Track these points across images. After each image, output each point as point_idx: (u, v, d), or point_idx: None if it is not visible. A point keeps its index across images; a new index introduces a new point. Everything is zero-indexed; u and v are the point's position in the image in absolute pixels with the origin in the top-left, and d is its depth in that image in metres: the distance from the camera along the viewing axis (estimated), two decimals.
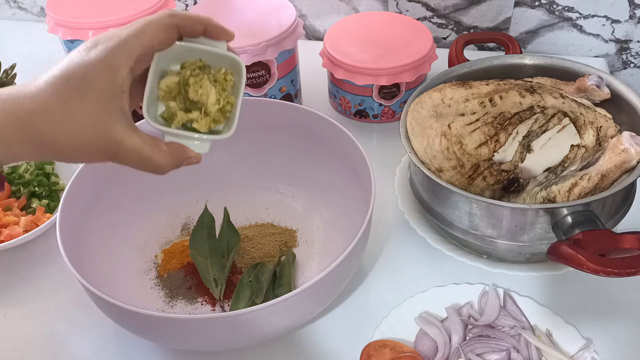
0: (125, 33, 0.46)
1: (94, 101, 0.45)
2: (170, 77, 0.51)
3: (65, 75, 0.44)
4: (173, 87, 0.50)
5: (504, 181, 0.69)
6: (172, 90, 0.50)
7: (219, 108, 0.51)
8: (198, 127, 0.51)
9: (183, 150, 0.50)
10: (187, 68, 0.51)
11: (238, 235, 0.78)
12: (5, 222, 0.81)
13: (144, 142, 0.47)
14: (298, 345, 0.70)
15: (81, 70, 0.44)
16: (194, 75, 0.50)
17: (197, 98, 0.50)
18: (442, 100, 0.75)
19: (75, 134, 0.45)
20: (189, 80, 0.50)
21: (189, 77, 0.50)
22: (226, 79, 0.52)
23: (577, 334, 0.67)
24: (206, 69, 0.52)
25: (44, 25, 0.93)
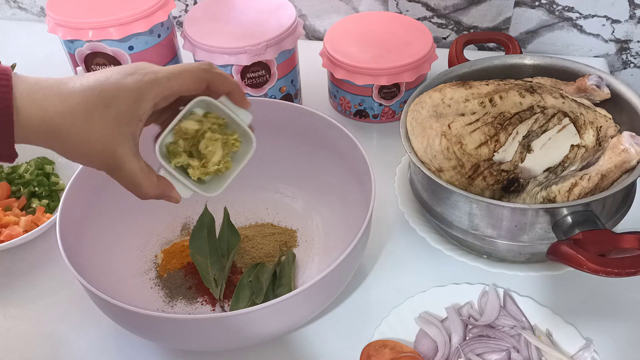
0: (162, 74, 0.51)
1: (114, 120, 0.49)
2: (192, 121, 0.55)
3: (98, 88, 0.49)
4: (191, 131, 0.55)
5: (504, 181, 0.69)
6: (188, 133, 0.55)
7: (217, 168, 0.56)
8: (191, 173, 0.56)
9: (169, 188, 0.55)
10: (209, 120, 0.55)
11: (238, 235, 0.78)
12: (5, 222, 0.81)
13: (140, 169, 0.51)
14: (298, 345, 0.70)
15: (114, 90, 0.49)
16: (212, 130, 0.55)
17: (204, 151, 0.55)
18: (442, 100, 0.75)
19: (88, 141, 0.49)
20: (206, 134, 0.55)
21: (207, 131, 0.55)
22: (234, 145, 0.57)
23: (577, 334, 0.67)
24: (222, 129, 0.56)
25: (44, 25, 0.93)
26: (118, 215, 0.78)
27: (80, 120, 0.48)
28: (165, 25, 0.94)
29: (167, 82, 0.51)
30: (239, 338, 0.64)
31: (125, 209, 0.79)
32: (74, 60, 0.92)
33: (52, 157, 0.90)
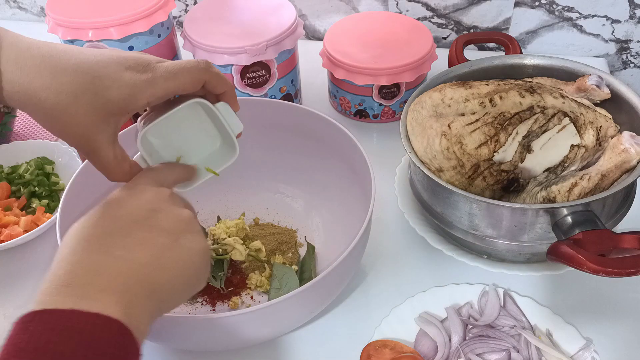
0: (159, 72, 0.49)
1: (100, 109, 0.47)
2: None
3: (92, 74, 0.47)
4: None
5: (504, 181, 0.69)
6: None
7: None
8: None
9: (138, 170, 0.54)
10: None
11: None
12: (5, 222, 0.81)
13: (114, 157, 0.50)
14: (298, 345, 0.70)
15: (108, 81, 0.47)
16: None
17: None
18: (442, 100, 0.75)
19: (69, 123, 0.47)
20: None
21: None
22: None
23: (577, 334, 0.67)
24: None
25: (44, 25, 0.93)
26: None
27: (66, 100, 0.46)
28: (165, 25, 0.94)
29: (164, 82, 0.49)
30: (239, 338, 0.64)
31: None
32: None
33: (52, 157, 0.90)
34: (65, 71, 0.46)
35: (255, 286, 0.75)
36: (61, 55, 0.47)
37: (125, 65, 0.48)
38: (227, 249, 0.75)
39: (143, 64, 0.49)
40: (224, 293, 0.74)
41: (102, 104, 0.47)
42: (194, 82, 0.51)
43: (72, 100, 0.46)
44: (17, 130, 0.99)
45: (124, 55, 0.49)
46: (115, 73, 0.48)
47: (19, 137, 0.97)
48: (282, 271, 0.74)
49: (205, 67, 0.52)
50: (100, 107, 0.47)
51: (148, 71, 0.49)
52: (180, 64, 0.51)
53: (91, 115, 0.47)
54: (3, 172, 0.88)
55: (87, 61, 0.47)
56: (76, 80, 0.46)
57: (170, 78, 0.50)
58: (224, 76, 0.54)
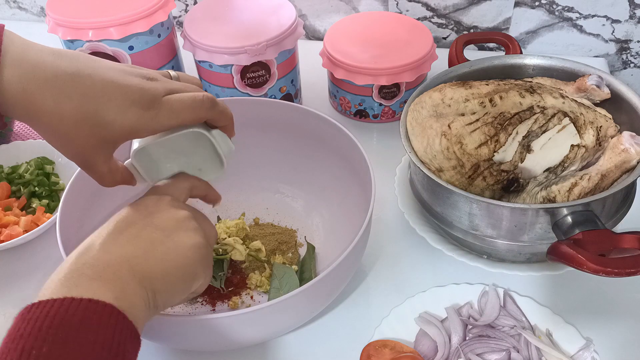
0: (163, 110, 0.50)
1: (100, 139, 0.49)
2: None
3: (96, 104, 0.47)
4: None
5: (504, 181, 0.69)
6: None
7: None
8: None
9: (129, 179, 0.56)
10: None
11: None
12: (5, 222, 0.81)
13: (108, 171, 0.52)
14: (298, 345, 0.70)
15: (111, 116, 0.48)
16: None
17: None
18: (442, 100, 0.75)
19: (68, 143, 0.48)
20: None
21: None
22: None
23: (577, 334, 0.67)
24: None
25: (44, 25, 0.93)
26: None
27: (67, 127, 0.47)
28: (165, 25, 0.94)
29: (167, 121, 0.50)
30: (239, 338, 0.64)
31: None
32: None
33: (52, 157, 0.90)
34: (69, 98, 0.46)
35: (255, 286, 0.75)
36: (67, 79, 0.46)
37: (131, 99, 0.48)
38: (227, 249, 0.75)
39: (149, 100, 0.49)
40: (224, 293, 0.74)
41: (103, 133, 0.48)
42: (196, 120, 0.52)
43: (73, 127, 0.47)
44: (17, 130, 0.99)
45: (131, 85, 0.48)
46: (119, 107, 0.48)
47: (19, 137, 0.97)
48: (282, 271, 0.74)
49: (210, 106, 0.53)
50: (101, 136, 0.48)
51: (153, 108, 0.49)
52: (185, 103, 0.51)
53: (91, 142, 0.48)
54: (3, 172, 0.88)
55: (92, 89, 0.47)
56: (79, 109, 0.46)
57: (173, 117, 0.50)
58: (226, 111, 0.55)
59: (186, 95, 0.51)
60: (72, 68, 0.47)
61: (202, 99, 0.52)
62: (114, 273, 0.45)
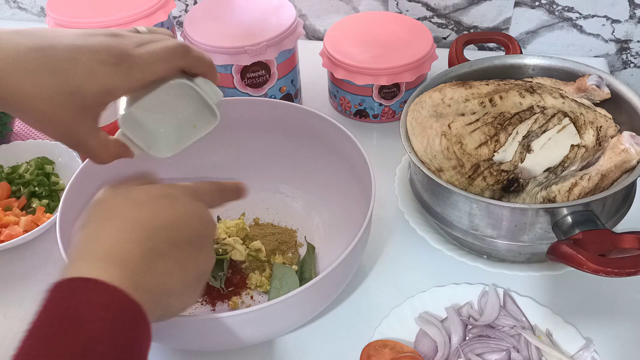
0: (136, 64, 0.48)
1: (79, 107, 0.47)
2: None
3: (66, 71, 0.46)
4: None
5: (504, 181, 0.69)
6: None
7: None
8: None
9: (125, 151, 0.54)
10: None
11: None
12: (5, 222, 0.81)
13: (98, 143, 0.50)
14: (298, 345, 0.70)
15: (83, 76, 0.46)
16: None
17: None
18: (442, 100, 0.75)
19: (50, 122, 0.47)
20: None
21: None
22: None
23: (577, 334, 0.67)
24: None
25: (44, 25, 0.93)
26: None
27: (42, 103, 0.45)
28: (165, 25, 0.94)
29: (140, 74, 0.48)
30: (239, 338, 0.64)
31: None
32: None
33: (52, 157, 0.90)
34: (39, 74, 0.45)
35: (255, 286, 0.75)
36: (30, 55, 0.45)
37: (98, 59, 0.46)
38: (227, 249, 0.75)
39: (117, 55, 0.47)
40: (224, 293, 0.74)
41: (78, 101, 0.46)
42: (172, 70, 0.50)
43: (48, 102, 0.45)
44: (17, 130, 0.99)
45: (95, 44, 0.47)
46: (87, 70, 0.46)
47: (19, 137, 0.97)
48: (282, 271, 0.74)
49: (184, 53, 0.51)
50: (77, 105, 0.46)
51: (123, 62, 0.47)
52: (157, 53, 0.49)
53: (69, 113, 0.46)
54: (3, 172, 0.88)
55: (57, 59, 0.46)
56: (49, 82, 0.45)
57: (147, 69, 0.48)
58: (203, 56, 0.52)
59: (157, 45, 0.50)
60: (33, 43, 0.46)
61: (174, 46, 0.50)
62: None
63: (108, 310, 0.39)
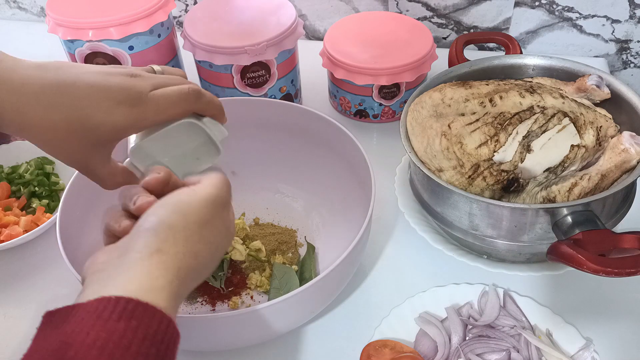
0: (150, 107, 0.50)
1: (93, 143, 0.50)
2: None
3: (83, 111, 0.48)
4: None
5: (504, 181, 0.69)
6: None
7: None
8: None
9: (131, 178, 0.56)
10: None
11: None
12: (5, 222, 0.81)
13: (108, 173, 0.53)
14: (298, 345, 0.70)
15: (99, 119, 0.49)
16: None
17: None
18: (442, 100, 0.75)
19: (64, 152, 0.50)
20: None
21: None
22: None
23: (577, 334, 0.67)
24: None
25: (44, 25, 0.93)
26: None
27: (59, 136, 0.48)
28: (165, 25, 0.94)
29: (154, 117, 0.50)
30: (239, 338, 0.64)
31: None
32: (74, 60, 0.92)
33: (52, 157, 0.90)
34: (57, 109, 0.47)
35: (255, 286, 0.75)
36: (53, 90, 0.47)
37: (117, 100, 0.49)
38: None
39: (134, 97, 0.49)
40: (224, 293, 0.74)
41: (94, 137, 0.49)
42: (183, 114, 0.53)
43: (65, 135, 0.48)
44: None
45: (114, 85, 0.49)
46: (106, 109, 0.48)
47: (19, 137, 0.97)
48: (282, 271, 0.74)
49: (196, 98, 0.53)
50: (93, 140, 0.49)
51: (139, 105, 0.49)
52: (171, 98, 0.51)
53: (84, 147, 0.49)
54: (3, 172, 0.88)
55: (78, 96, 0.48)
56: (68, 118, 0.48)
57: (160, 113, 0.51)
58: (213, 101, 0.55)
59: (171, 90, 0.52)
60: (56, 79, 0.48)
61: (187, 91, 0.52)
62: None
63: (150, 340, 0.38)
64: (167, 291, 0.40)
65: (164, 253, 0.42)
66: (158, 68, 0.56)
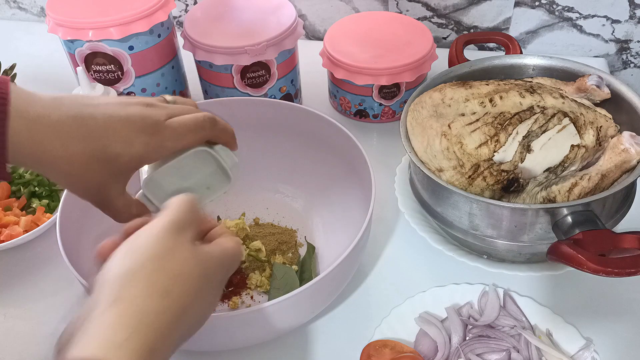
0: (167, 137, 0.51)
1: (112, 173, 0.50)
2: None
3: (102, 141, 0.48)
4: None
5: (504, 181, 0.69)
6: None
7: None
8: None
9: (144, 210, 0.56)
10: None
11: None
12: (5, 222, 0.81)
13: (123, 205, 0.53)
14: (298, 345, 0.70)
15: (118, 149, 0.49)
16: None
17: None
18: (442, 100, 0.75)
19: (82, 183, 0.50)
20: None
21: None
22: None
23: (577, 334, 0.67)
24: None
25: (44, 25, 0.93)
26: None
27: (78, 168, 0.48)
28: (165, 25, 0.94)
29: (172, 144, 0.51)
30: (239, 338, 0.64)
31: None
32: (74, 60, 0.92)
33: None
34: (76, 140, 0.47)
35: (255, 286, 0.75)
36: (70, 123, 0.47)
37: (135, 129, 0.49)
38: None
39: (152, 126, 0.50)
40: (224, 293, 0.74)
41: (113, 167, 0.49)
42: (200, 140, 0.54)
43: (84, 167, 0.48)
44: None
45: (132, 114, 0.50)
46: (125, 139, 0.49)
47: None
48: (282, 271, 0.74)
49: (212, 125, 0.54)
50: (111, 170, 0.49)
51: (157, 134, 0.50)
52: (188, 125, 0.52)
53: (103, 177, 0.49)
54: None
55: (96, 127, 0.48)
56: (87, 149, 0.48)
57: (178, 140, 0.51)
58: (226, 128, 0.56)
59: (187, 118, 0.52)
60: (73, 111, 0.48)
61: (203, 119, 0.53)
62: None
63: None
64: (129, 345, 0.37)
65: (123, 300, 0.38)
66: (170, 98, 0.56)
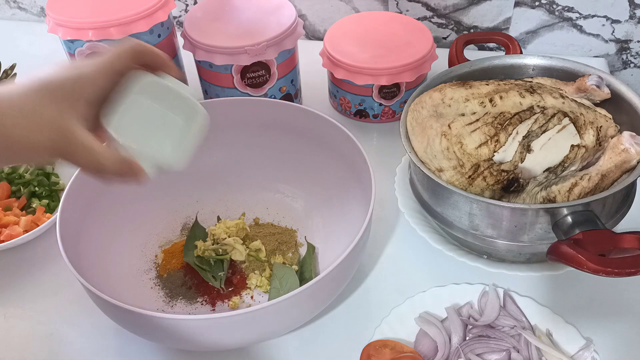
0: (107, 58, 0.51)
1: (62, 105, 0.48)
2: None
3: (45, 83, 0.48)
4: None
5: (504, 181, 0.69)
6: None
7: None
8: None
9: (133, 164, 0.52)
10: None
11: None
12: (5, 222, 0.81)
13: (95, 139, 0.49)
14: (298, 344, 0.70)
15: (63, 79, 0.48)
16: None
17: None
18: (442, 100, 0.75)
19: (37, 128, 0.47)
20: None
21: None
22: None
23: (577, 334, 0.67)
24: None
25: (44, 25, 0.93)
26: (118, 215, 0.78)
27: (26, 111, 0.46)
28: (165, 25, 0.94)
29: (111, 65, 0.51)
30: (239, 338, 0.64)
31: (125, 208, 0.79)
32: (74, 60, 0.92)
33: None
34: (15, 92, 0.47)
35: (255, 286, 0.75)
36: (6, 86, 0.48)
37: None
38: (227, 249, 0.75)
39: (70, 79, 0.49)
40: (224, 293, 0.74)
41: (62, 99, 0.48)
42: (124, 71, 0.52)
43: (31, 109, 0.47)
44: None
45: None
46: (70, 72, 0.49)
47: None
48: (282, 271, 0.74)
49: (140, 48, 0.52)
50: (64, 103, 0.48)
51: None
52: (105, 62, 0.51)
53: (55, 111, 0.47)
54: (3, 172, 0.88)
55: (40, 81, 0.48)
56: (29, 92, 0.47)
57: (98, 80, 0.50)
58: (157, 53, 0.53)
59: (102, 62, 0.51)
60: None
61: (124, 48, 0.52)
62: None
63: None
64: None
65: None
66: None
